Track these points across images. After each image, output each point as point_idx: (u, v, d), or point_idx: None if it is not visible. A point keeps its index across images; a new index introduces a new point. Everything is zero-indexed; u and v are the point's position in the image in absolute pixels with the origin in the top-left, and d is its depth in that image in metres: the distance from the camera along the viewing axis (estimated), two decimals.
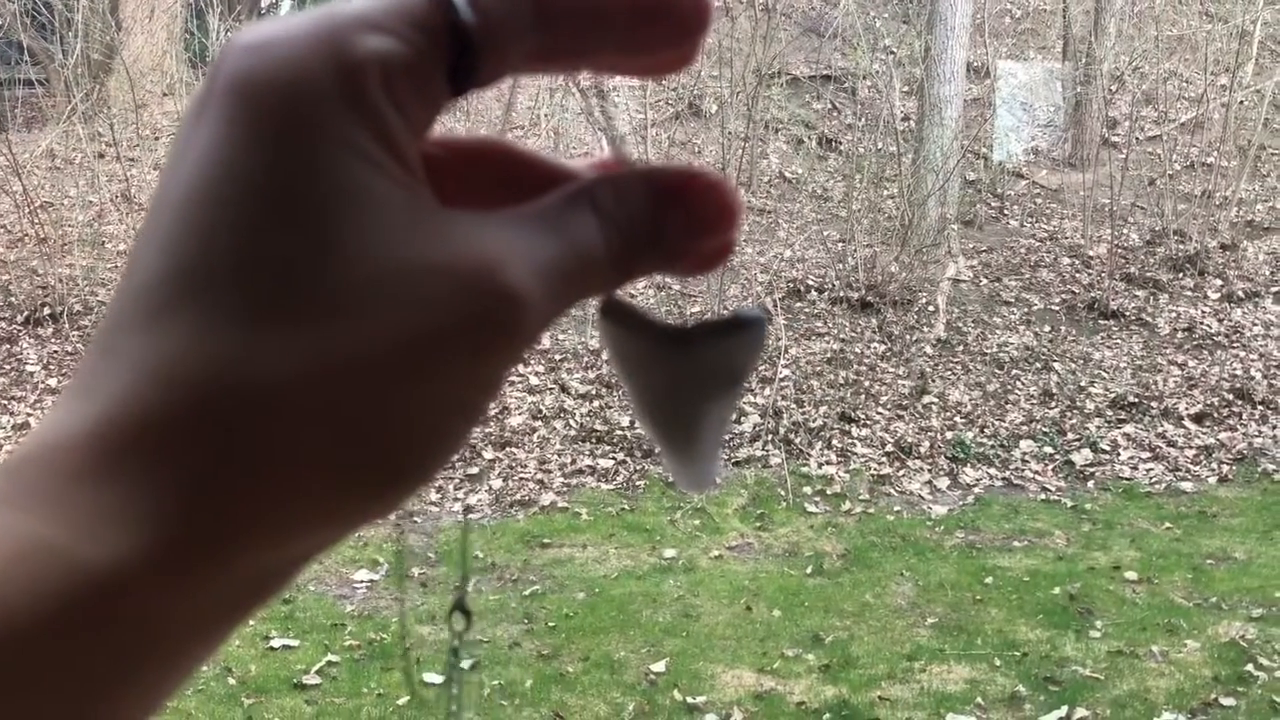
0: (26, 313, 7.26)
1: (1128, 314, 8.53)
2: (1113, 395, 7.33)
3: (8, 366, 6.85)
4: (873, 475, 6.33)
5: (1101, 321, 8.43)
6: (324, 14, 0.26)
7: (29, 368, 6.80)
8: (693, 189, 0.30)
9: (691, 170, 0.30)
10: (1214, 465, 6.63)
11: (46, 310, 7.26)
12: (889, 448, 6.58)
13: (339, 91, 0.26)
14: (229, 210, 0.25)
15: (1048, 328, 8.30)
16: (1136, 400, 7.27)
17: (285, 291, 0.25)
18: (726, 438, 6.93)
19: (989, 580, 5.12)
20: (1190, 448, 6.83)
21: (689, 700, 4.10)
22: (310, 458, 0.25)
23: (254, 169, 0.25)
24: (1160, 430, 6.99)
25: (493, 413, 6.54)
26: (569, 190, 0.29)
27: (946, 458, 6.55)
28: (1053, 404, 7.23)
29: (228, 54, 0.26)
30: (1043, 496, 6.23)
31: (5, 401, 6.45)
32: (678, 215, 0.29)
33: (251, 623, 4.52)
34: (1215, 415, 7.18)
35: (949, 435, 6.74)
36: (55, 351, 6.97)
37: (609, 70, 0.31)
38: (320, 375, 0.25)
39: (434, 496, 5.82)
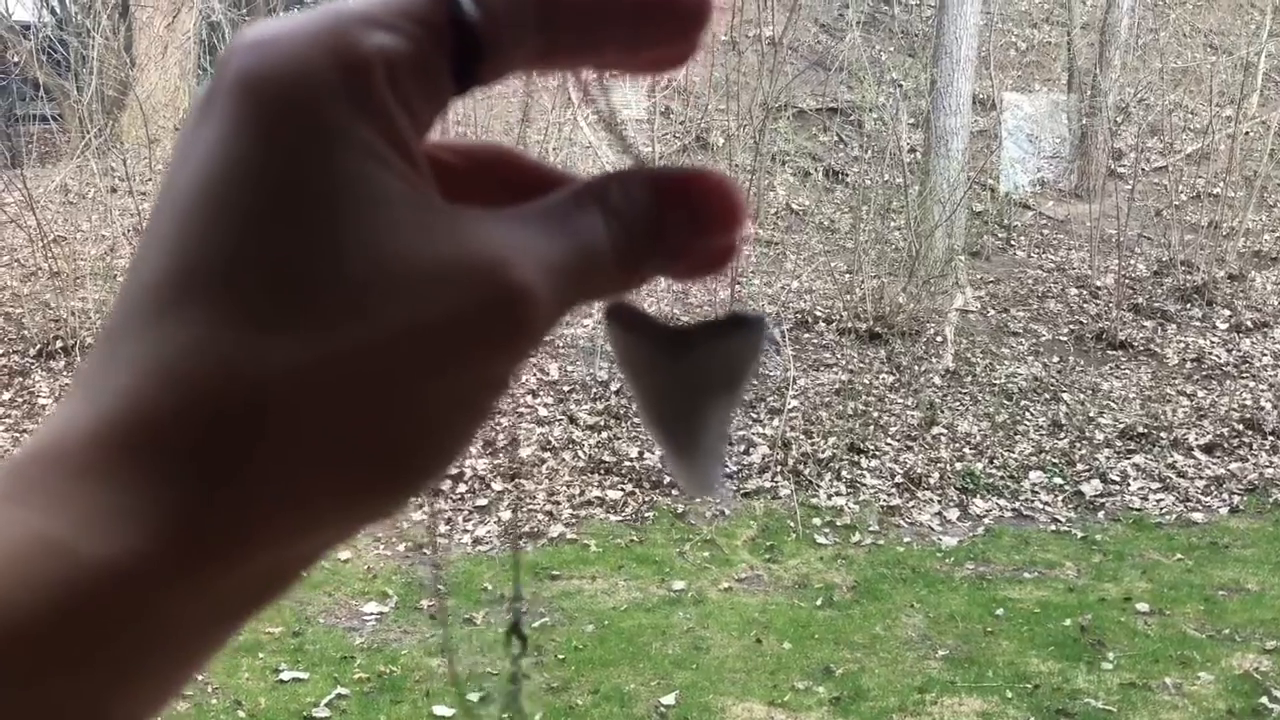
0: (39, 346, 7.31)
1: (1136, 344, 8.53)
2: (1122, 426, 7.32)
3: (20, 399, 6.88)
4: (882, 506, 6.31)
5: (1110, 352, 8.43)
6: (328, 11, 0.27)
7: (41, 400, 6.83)
8: (696, 187, 0.30)
9: (696, 169, 0.30)
10: (1225, 496, 6.60)
11: (59, 343, 7.30)
12: (898, 479, 6.57)
13: (344, 88, 0.26)
14: (233, 207, 0.25)
15: (1056, 358, 8.30)
16: (1146, 431, 7.25)
17: (290, 289, 0.25)
18: (734, 459, 6.94)
19: (1000, 612, 5.10)
20: (1201, 478, 6.80)
21: None
22: (317, 456, 0.25)
23: (259, 166, 0.25)
24: (1170, 461, 6.97)
25: (502, 444, 6.55)
26: (575, 188, 0.29)
27: (956, 489, 6.53)
28: (1062, 435, 7.22)
29: (233, 52, 0.27)
30: (1053, 527, 6.21)
31: (18, 434, 6.48)
32: (681, 213, 0.30)
33: (261, 655, 4.52)
34: (1225, 446, 7.16)
35: (958, 466, 6.73)
36: (67, 385, 7.00)
37: (612, 68, 0.31)
38: (327, 373, 0.25)
39: (443, 529, 5.82)
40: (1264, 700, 4.27)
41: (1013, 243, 10.42)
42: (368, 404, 0.26)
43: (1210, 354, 8.45)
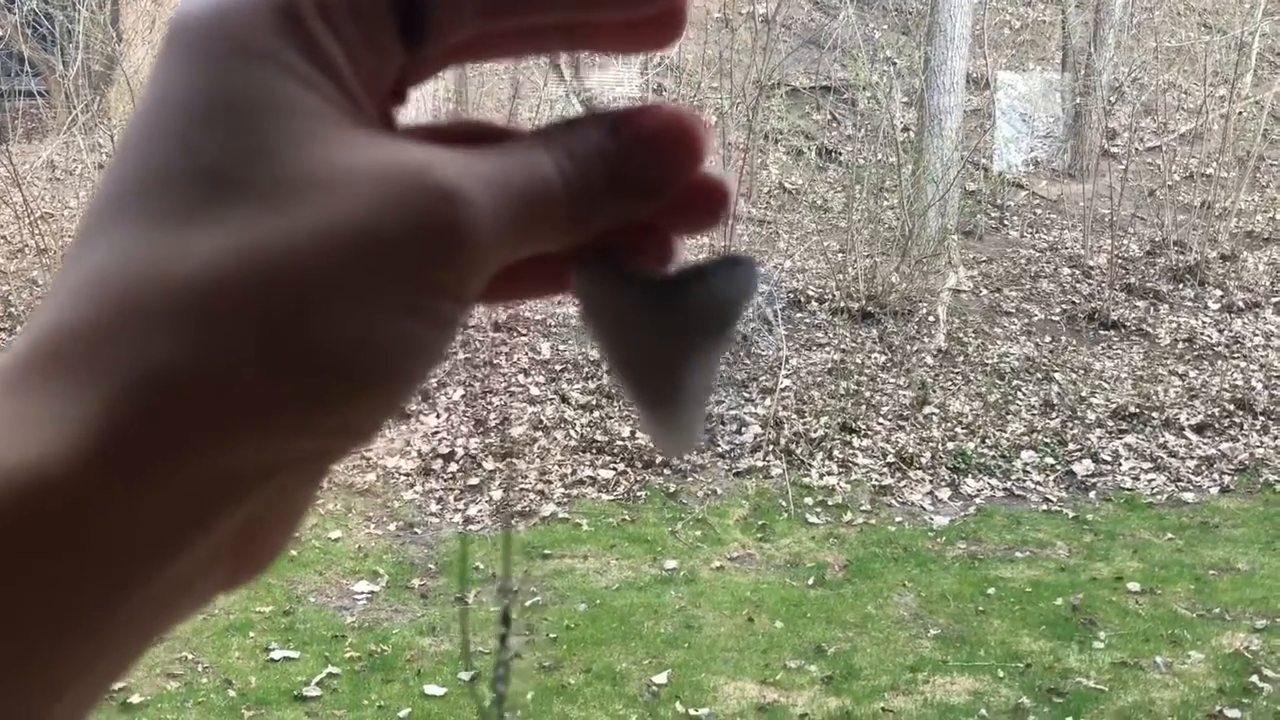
0: (26, 323, 7.26)
1: (1128, 324, 8.53)
2: (1114, 406, 7.32)
3: None
4: (874, 486, 6.31)
5: (1102, 332, 8.43)
6: None
7: None
8: (649, 119, 0.29)
9: (652, 105, 0.29)
10: (1215, 476, 6.62)
11: None
12: (890, 458, 6.57)
13: (274, 20, 0.26)
14: (163, 129, 0.26)
15: (1048, 338, 8.30)
16: (1137, 411, 7.26)
17: (212, 193, 0.25)
18: (726, 438, 6.93)
19: (991, 591, 5.11)
20: (1192, 458, 6.81)
21: (691, 712, 4.08)
22: (246, 357, 0.25)
23: (187, 90, 0.26)
24: (1161, 441, 6.98)
25: (493, 423, 6.53)
26: (527, 134, 0.29)
27: (948, 468, 6.54)
28: (1054, 414, 7.22)
29: (179, 5, 0.28)
30: (1044, 507, 6.22)
31: None
32: (635, 146, 0.29)
33: (251, 634, 4.50)
34: (1216, 426, 7.17)
35: (950, 446, 6.73)
36: None
37: (588, 43, 0.30)
38: (247, 268, 0.25)
39: (434, 508, 5.81)
40: (1254, 679, 4.29)
41: (1006, 222, 10.41)
42: (293, 301, 0.25)
43: (1202, 334, 8.46)
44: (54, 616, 0.24)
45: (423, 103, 0.32)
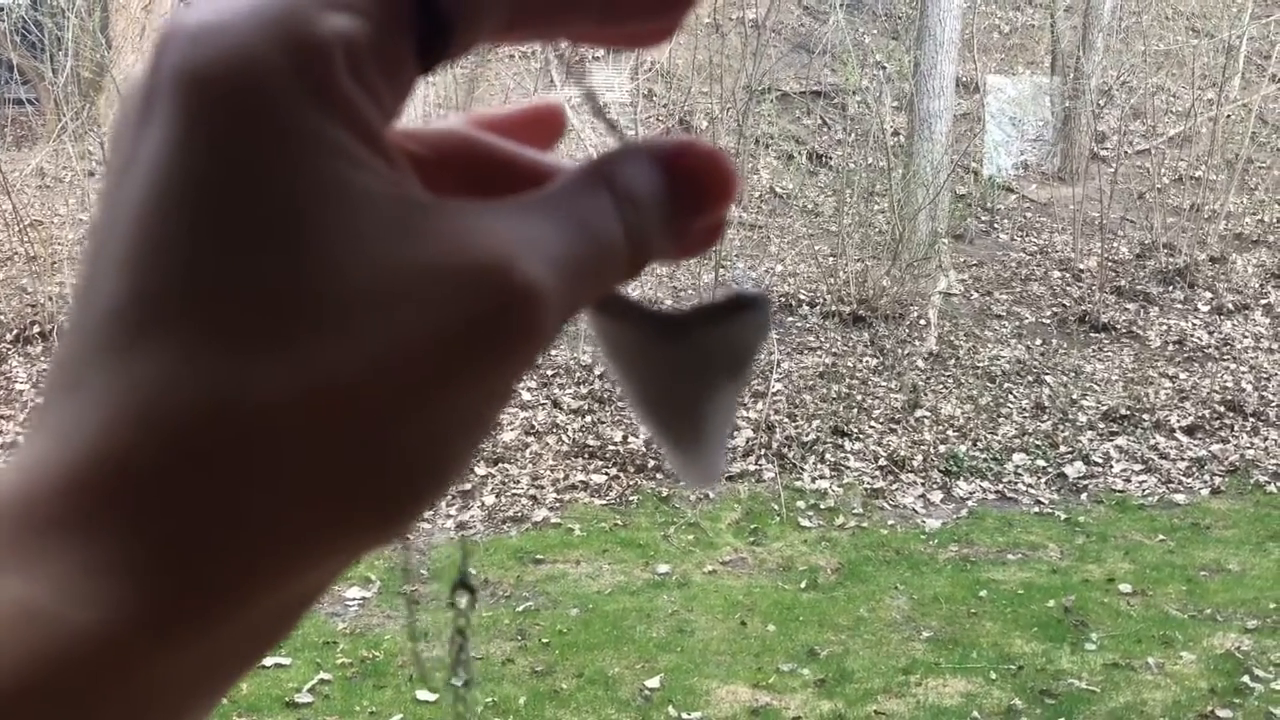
0: (16, 331, 7.23)
1: (1119, 327, 8.56)
2: (1104, 408, 7.34)
3: None
4: (866, 489, 6.32)
5: (1093, 334, 8.46)
6: None
7: (19, 386, 6.77)
8: (694, 161, 0.27)
9: (686, 140, 0.28)
10: (1206, 477, 6.64)
11: (36, 329, 7.22)
12: (882, 461, 6.58)
13: (300, 80, 0.23)
14: (196, 224, 0.23)
15: (1039, 341, 8.32)
16: (1128, 413, 7.28)
17: (267, 310, 0.22)
18: (731, 430, 6.83)
19: (983, 593, 5.11)
20: (1182, 460, 6.83)
21: (684, 716, 4.08)
22: (310, 491, 0.23)
23: (218, 175, 0.23)
24: (1152, 443, 7.00)
25: None
26: (579, 172, 0.27)
27: (939, 471, 6.54)
28: (1045, 417, 7.24)
29: (169, 42, 0.23)
30: (1036, 509, 6.23)
31: None
32: (686, 190, 0.27)
33: None
34: (1207, 427, 7.19)
35: (942, 449, 6.74)
36: (45, 370, 6.93)
37: (587, 40, 0.28)
38: (315, 400, 0.22)
39: (426, 514, 5.79)
40: (1245, 679, 4.30)
41: (996, 226, 10.43)
42: (362, 430, 0.23)
43: (1192, 336, 8.48)
44: None
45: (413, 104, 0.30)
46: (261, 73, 0.23)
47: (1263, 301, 9.04)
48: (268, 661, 4.37)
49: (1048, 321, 8.65)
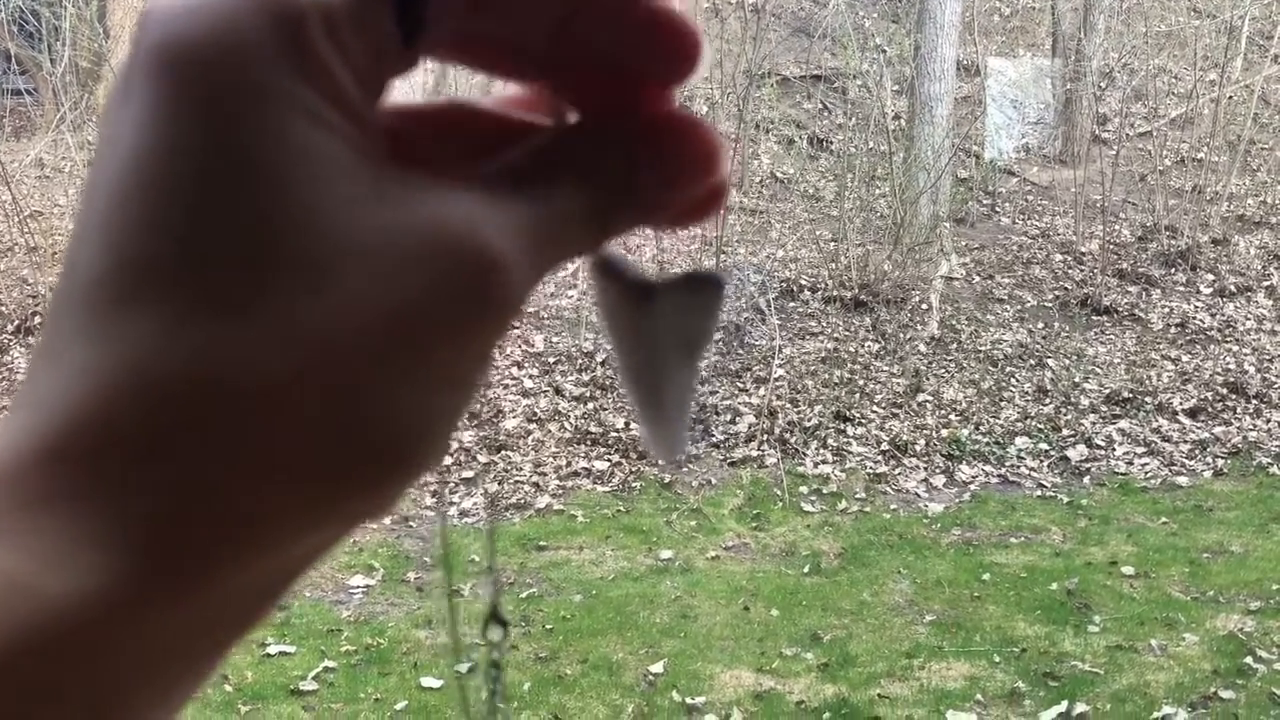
0: (17, 322, 7.24)
1: (1120, 310, 8.54)
2: (1107, 391, 7.34)
3: None
4: (868, 474, 6.32)
5: (1094, 317, 8.44)
6: None
7: (20, 377, 6.77)
8: (671, 135, 0.28)
9: (669, 112, 0.28)
10: (1209, 459, 6.64)
11: (37, 319, 7.22)
12: (884, 446, 6.58)
13: (278, 47, 0.23)
14: (174, 190, 0.23)
15: (1041, 324, 8.30)
16: (1131, 396, 7.28)
17: (246, 275, 0.23)
18: (720, 428, 6.92)
19: (986, 577, 5.12)
20: (1185, 442, 6.83)
21: (688, 701, 4.09)
22: (294, 457, 0.23)
23: (195, 141, 0.23)
24: (1155, 425, 6.99)
25: (487, 416, 6.53)
26: (538, 146, 0.27)
27: (942, 455, 6.54)
28: (1047, 400, 7.23)
29: (148, 19, 0.24)
30: (1039, 493, 6.23)
31: None
32: (657, 164, 0.28)
33: None
34: (1209, 410, 7.19)
35: (944, 433, 6.73)
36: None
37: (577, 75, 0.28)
38: (296, 362, 0.23)
39: (429, 502, 5.80)
40: (1248, 660, 4.30)
41: (997, 209, 10.41)
42: (343, 392, 0.23)
43: (1194, 318, 8.47)
44: None
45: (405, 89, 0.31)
46: (237, 40, 0.23)
47: (1265, 283, 9.03)
48: (272, 649, 4.38)
49: (1049, 305, 8.63)
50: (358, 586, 5.00)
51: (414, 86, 0.29)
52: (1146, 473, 6.47)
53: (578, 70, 0.28)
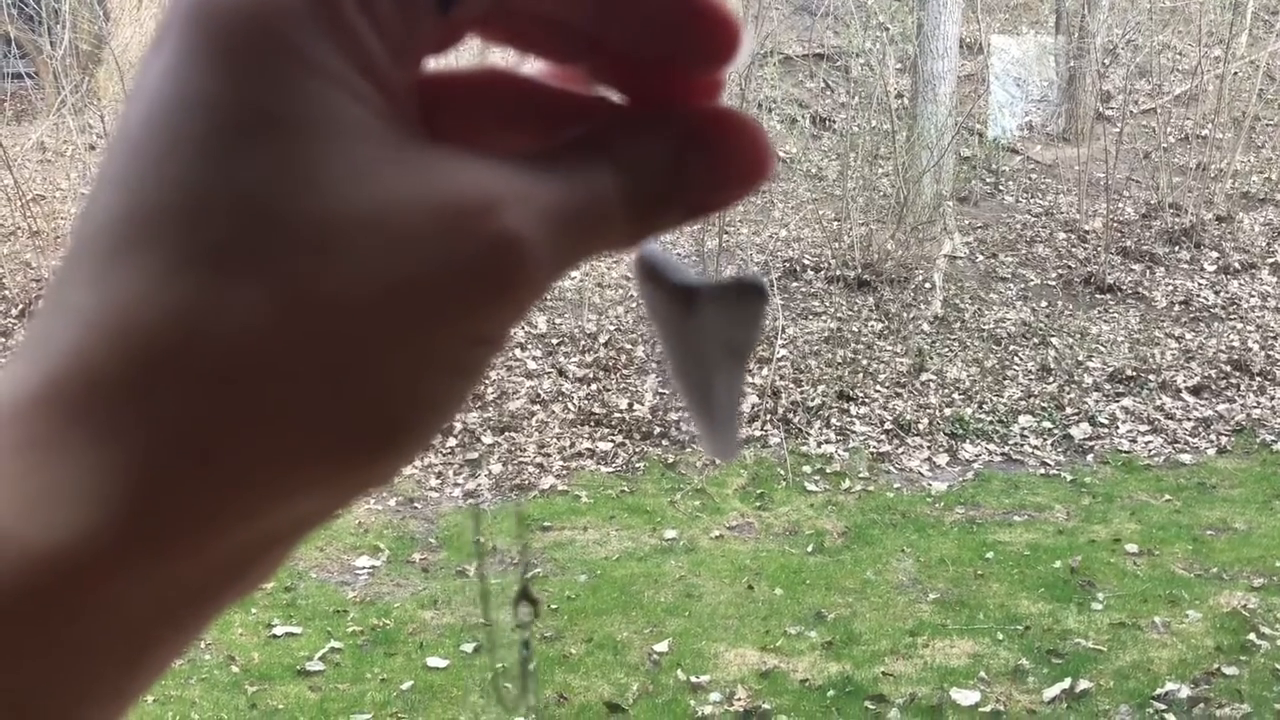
0: (20, 306, 7.24)
1: (1124, 288, 8.52)
2: (1110, 369, 7.33)
3: (2, 360, 6.83)
4: (872, 453, 6.33)
5: (1098, 296, 8.43)
6: None
7: None
8: (721, 132, 0.27)
9: (720, 110, 0.27)
10: (1213, 437, 6.64)
11: (40, 303, 7.23)
12: (888, 425, 6.58)
13: (309, 9, 0.23)
14: (189, 139, 0.23)
15: (1044, 303, 8.29)
16: (1134, 374, 7.27)
17: (250, 230, 0.22)
18: (740, 408, 6.84)
19: (990, 555, 5.13)
20: (1189, 420, 6.83)
21: (693, 679, 4.11)
22: (283, 418, 0.23)
23: (213, 97, 0.23)
24: (1159, 403, 6.99)
25: (491, 397, 6.54)
26: (582, 133, 0.27)
27: (945, 434, 6.55)
28: (1051, 379, 7.23)
29: None
30: (1042, 471, 6.24)
31: None
32: (702, 164, 0.27)
33: (253, 610, 4.52)
34: (1213, 387, 7.18)
35: (948, 412, 6.74)
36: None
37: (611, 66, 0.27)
38: (292, 323, 0.22)
39: (434, 482, 5.82)
40: (1251, 636, 4.31)
41: (1001, 187, 10.37)
42: (339, 359, 0.23)
43: (1198, 296, 8.45)
44: (69, 685, 0.22)
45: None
46: (267, 1, 0.23)
47: (1269, 260, 9.00)
48: (279, 630, 4.40)
49: (1053, 283, 8.62)
50: (363, 568, 5.02)
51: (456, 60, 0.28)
52: (1150, 450, 6.48)
53: (617, 53, 0.27)
